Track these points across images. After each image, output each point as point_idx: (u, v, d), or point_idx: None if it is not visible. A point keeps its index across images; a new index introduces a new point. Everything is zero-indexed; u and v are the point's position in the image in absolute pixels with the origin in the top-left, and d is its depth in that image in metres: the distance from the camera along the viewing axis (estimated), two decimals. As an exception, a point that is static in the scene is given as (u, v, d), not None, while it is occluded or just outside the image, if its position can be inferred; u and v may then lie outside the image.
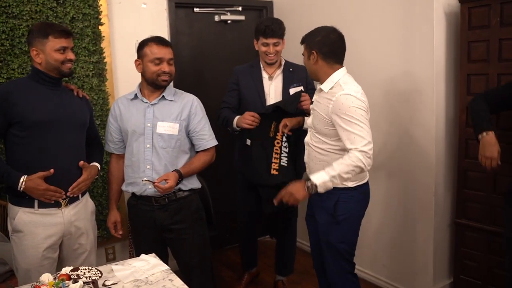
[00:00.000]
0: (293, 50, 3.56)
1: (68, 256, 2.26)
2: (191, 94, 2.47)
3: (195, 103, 2.41)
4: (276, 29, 2.80)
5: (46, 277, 1.62)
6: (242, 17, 3.77)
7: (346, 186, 2.23)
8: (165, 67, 2.29)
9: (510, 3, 2.47)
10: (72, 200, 2.21)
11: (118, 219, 2.54)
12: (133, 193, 2.43)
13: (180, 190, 2.36)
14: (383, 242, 3.15)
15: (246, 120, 2.70)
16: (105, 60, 3.04)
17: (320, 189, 2.11)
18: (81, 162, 2.19)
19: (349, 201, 2.26)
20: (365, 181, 2.32)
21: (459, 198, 2.79)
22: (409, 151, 2.91)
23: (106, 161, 3.04)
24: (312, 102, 2.45)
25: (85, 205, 2.31)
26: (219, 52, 3.75)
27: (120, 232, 2.55)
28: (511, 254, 2.26)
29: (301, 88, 2.95)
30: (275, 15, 3.86)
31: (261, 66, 2.97)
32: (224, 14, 3.69)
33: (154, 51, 2.29)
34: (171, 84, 2.43)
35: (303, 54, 2.31)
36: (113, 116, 2.45)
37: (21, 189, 2.03)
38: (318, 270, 2.59)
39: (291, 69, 2.98)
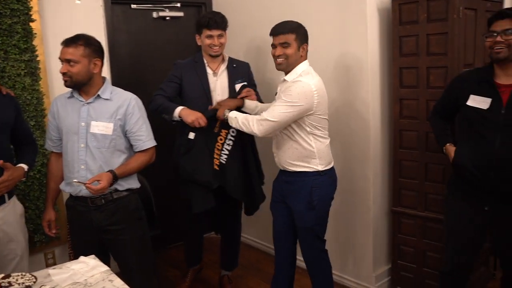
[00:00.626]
0: (233, 46, 3.60)
1: None
2: (130, 93, 2.39)
3: (133, 102, 2.34)
4: (219, 21, 2.82)
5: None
6: (181, 14, 3.74)
7: (316, 170, 2.45)
8: (62, 68, 2.23)
9: (435, 1, 2.60)
10: None
11: (53, 218, 2.46)
12: (70, 194, 2.36)
13: (116, 190, 2.31)
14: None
15: (196, 120, 2.66)
16: (38, 59, 2.92)
17: (230, 121, 2.54)
18: (1, 162, 2.07)
19: (322, 187, 2.47)
20: (331, 165, 2.55)
21: (395, 187, 2.92)
22: (346, 143, 3.01)
23: (43, 163, 2.96)
24: (257, 95, 2.87)
25: (13, 208, 2.22)
26: (158, 49, 3.70)
27: (54, 231, 2.48)
28: (449, 241, 2.38)
29: (245, 83, 2.98)
30: (215, 9, 3.85)
31: (205, 61, 2.95)
32: (162, 10, 3.65)
33: (61, 52, 2.24)
34: (108, 82, 2.37)
35: (284, 44, 2.40)
36: (51, 114, 2.38)
37: None
38: (284, 256, 2.70)
39: (234, 65, 3.00)
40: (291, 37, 2.39)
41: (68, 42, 2.24)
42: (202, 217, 3.14)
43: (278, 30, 2.43)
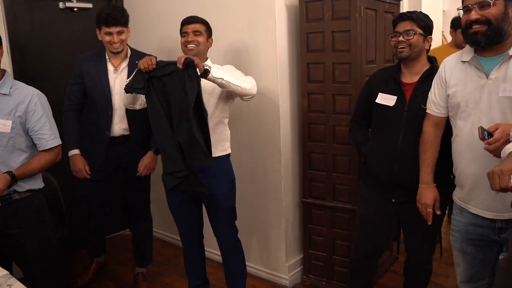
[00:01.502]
0: (143, 39, 3.52)
1: None
2: (33, 88, 2.25)
3: (35, 99, 2.20)
4: (118, 17, 2.72)
5: None
6: (89, 5, 3.59)
7: (228, 153, 2.63)
8: None
9: (339, 0, 2.70)
10: None
11: None
12: None
13: (15, 191, 2.17)
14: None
15: (77, 174, 2.73)
16: None
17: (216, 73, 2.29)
18: None
19: (231, 167, 2.67)
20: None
21: (305, 178, 3.01)
22: (257, 137, 3.06)
23: None
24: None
25: None
26: (65, 41, 3.53)
27: None
28: (360, 229, 2.51)
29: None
30: (125, 3, 3.74)
31: (107, 57, 2.86)
32: (69, 1, 3.48)
33: None
34: (8, 76, 2.21)
35: (197, 32, 2.51)
36: None
37: None
38: (194, 260, 2.77)
39: (137, 61, 2.90)
40: (202, 27, 2.54)
41: None
42: (103, 207, 3.12)
43: (191, 19, 2.55)
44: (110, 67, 2.86)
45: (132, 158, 2.90)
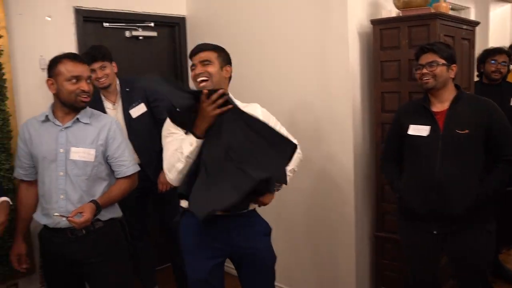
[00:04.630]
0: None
1: None
2: (109, 116, 2.30)
3: (114, 126, 2.22)
4: (95, 53, 2.77)
5: None
6: (154, 34, 3.63)
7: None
8: (84, 86, 2.09)
9: (416, 27, 2.64)
10: None
11: (23, 251, 2.28)
12: (45, 225, 2.19)
13: (98, 220, 2.15)
14: (305, 257, 3.17)
15: None
16: (4, 77, 2.74)
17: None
18: None
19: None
20: None
21: (378, 211, 2.90)
22: (328, 167, 2.97)
23: (8, 188, 2.75)
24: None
25: None
26: (131, 69, 3.55)
27: (24, 266, 2.29)
28: (410, 263, 2.46)
29: (142, 104, 2.92)
30: (188, 31, 3.78)
31: (102, 97, 2.91)
32: (135, 30, 3.54)
33: (70, 68, 2.08)
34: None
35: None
36: (22, 140, 2.20)
37: None
38: None
39: (127, 89, 2.93)
40: (212, 54, 2.09)
41: (83, 59, 2.17)
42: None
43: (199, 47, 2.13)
44: (108, 105, 2.90)
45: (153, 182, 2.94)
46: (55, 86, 2.11)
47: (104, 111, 2.84)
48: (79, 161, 2.11)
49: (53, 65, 2.12)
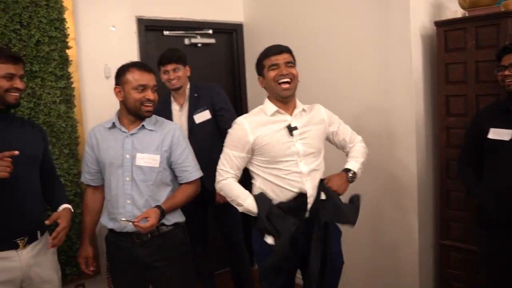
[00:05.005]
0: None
1: None
2: (173, 123, 2.34)
3: (177, 132, 2.26)
4: (170, 56, 2.86)
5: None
6: (212, 41, 3.69)
7: None
8: (149, 95, 2.15)
9: (485, 27, 2.53)
10: (31, 240, 2.01)
11: (90, 254, 2.36)
12: (111, 229, 2.26)
13: (163, 224, 2.20)
14: (367, 266, 3.10)
15: None
16: (72, 86, 2.86)
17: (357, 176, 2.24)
18: (54, 217, 2.04)
19: None
20: None
21: (442, 218, 2.79)
22: (391, 172, 2.90)
23: (76, 192, 2.87)
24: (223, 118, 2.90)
25: (46, 245, 2.08)
26: (190, 75, 3.63)
27: (92, 269, 2.37)
28: (487, 270, 2.33)
29: (207, 111, 2.94)
30: (246, 38, 3.82)
31: (172, 98, 3.00)
32: (194, 37, 3.61)
33: (137, 77, 2.14)
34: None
35: (290, 64, 2.14)
36: (89, 146, 2.29)
37: None
38: None
39: (196, 94, 2.96)
40: (291, 57, 2.18)
41: (149, 68, 2.22)
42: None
43: (281, 48, 2.17)
44: (175, 107, 2.98)
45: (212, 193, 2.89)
46: (122, 94, 2.18)
47: (170, 113, 2.94)
48: (145, 166, 2.16)
49: (121, 73, 2.19)
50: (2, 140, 1.94)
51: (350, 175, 2.20)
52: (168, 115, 2.94)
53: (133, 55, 3.20)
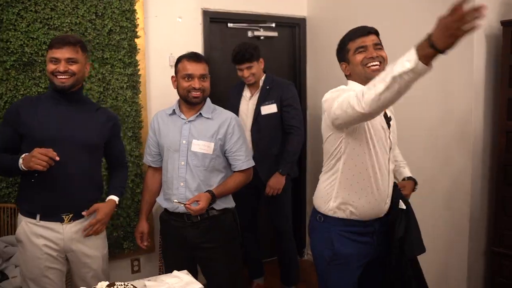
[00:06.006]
0: (325, 68, 3.56)
1: (76, 271, 2.19)
2: (230, 112, 2.43)
3: (233, 122, 2.36)
4: (245, 55, 2.97)
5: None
6: (275, 34, 3.76)
7: None
8: (195, 83, 2.27)
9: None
10: (75, 217, 2.13)
11: (145, 230, 2.53)
12: (165, 209, 2.41)
13: (212, 208, 2.31)
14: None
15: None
16: (139, 73, 3.05)
17: None
18: (86, 213, 2.14)
19: None
20: None
21: (497, 225, 2.71)
22: (444, 173, 2.84)
23: (136, 173, 3.07)
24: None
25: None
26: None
27: (145, 243, 2.54)
28: None
29: (275, 105, 3.06)
30: (308, 32, 3.85)
31: (245, 86, 3.17)
32: (257, 30, 3.69)
33: (186, 67, 2.29)
34: (208, 101, 2.41)
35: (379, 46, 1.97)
36: (152, 130, 2.46)
37: (21, 166, 1.92)
38: None
39: (268, 87, 3.08)
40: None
41: (200, 58, 2.34)
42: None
43: (368, 29, 1.97)
44: (246, 94, 3.19)
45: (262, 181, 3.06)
46: (177, 83, 2.33)
47: (240, 99, 3.15)
48: (199, 152, 2.28)
49: (177, 63, 2.36)
50: (58, 121, 2.06)
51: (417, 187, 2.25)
52: (238, 100, 3.16)
53: (198, 46, 3.34)
